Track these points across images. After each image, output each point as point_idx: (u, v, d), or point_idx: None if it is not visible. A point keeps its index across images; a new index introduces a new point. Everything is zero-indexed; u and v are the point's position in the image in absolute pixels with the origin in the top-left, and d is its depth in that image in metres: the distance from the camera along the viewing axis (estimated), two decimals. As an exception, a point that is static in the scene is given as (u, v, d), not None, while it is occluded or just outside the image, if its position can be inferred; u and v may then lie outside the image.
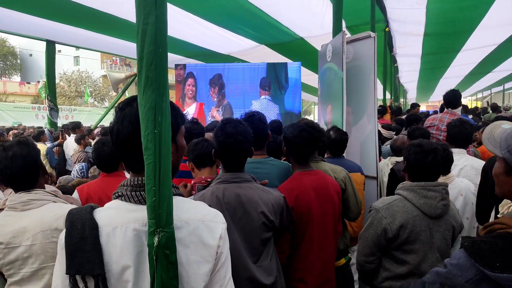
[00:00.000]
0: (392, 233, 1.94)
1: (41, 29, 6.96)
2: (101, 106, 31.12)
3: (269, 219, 1.82)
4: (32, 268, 1.66)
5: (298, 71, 8.91)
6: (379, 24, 7.08)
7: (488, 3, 6.18)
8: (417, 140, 2.09)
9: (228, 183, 1.84)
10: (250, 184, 1.87)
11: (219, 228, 1.20)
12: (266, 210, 1.82)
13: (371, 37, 3.57)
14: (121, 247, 1.08)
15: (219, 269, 1.19)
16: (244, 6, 5.99)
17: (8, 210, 1.73)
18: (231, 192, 1.81)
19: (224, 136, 1.85)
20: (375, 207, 2.04)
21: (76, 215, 1.12)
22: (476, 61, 11.64)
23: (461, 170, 3.02)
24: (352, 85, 3.69)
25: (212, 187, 1.85)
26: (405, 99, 20.63)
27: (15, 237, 1.65)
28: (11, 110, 18.23)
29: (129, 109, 1.13)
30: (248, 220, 1.80)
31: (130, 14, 6.24)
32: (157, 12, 1.02)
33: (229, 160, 1.89)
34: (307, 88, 13.78)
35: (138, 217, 1.10)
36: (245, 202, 1.80)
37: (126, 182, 1.17)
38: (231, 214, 1.78)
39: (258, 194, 1.84)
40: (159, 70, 1.03)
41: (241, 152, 1.87)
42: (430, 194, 1.95)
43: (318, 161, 2.55)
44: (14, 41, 35.03)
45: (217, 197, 1.79)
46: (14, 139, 1.87)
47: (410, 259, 1.96)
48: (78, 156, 6.37)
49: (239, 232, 1.79)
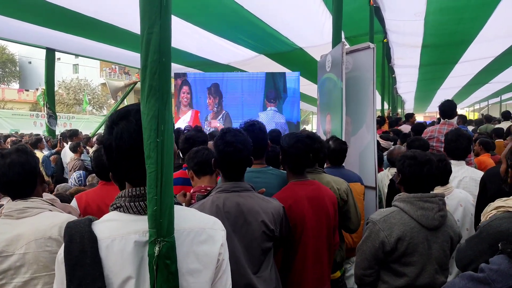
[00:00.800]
0: (390, 246, 1.93)
1: (41, 37, 6.99)
2: (99, 114, 31.12)
3: (269, 228, 1.81)
4: (24, 277, 1.63)
5: (297, 80, 8.96)
6: (377, 35, 7.14)
7: (486, 16, 6.25)
8: (410, 152, 2.08)
9: (228, 193, 1.83)
10: (250, 193, 1.87)
11: (219, 235, 1.20)
12: (266, 219, 1.81)
13: (370, 48, 3.60)
14: (121, 259, 1.07)
15: (220, 277, 1.19)
16: (244, 16, 6.04)
17: (4, 218, 1.70)
18: (232, 202, 1.80)
19: (223, 144, 1.85)
20: (372, 219, 2.02)
21: (74, 228, 1.11)
22: (473, 72, 11.73)
23: (460, 182, 3.03)
24: (351, 95, 3.71)
25: (212, 196, 1.84)
26: (402, 109, 20.73)
27: (9, 245, 1.63)
28: (9, 117, 18.17)
29: (125, 123, 1.11)
30: (249, 229, 1.79)
31: (131, 25, 6.30)
32: (161, 21, 1.02)
33: (228, 169, 1.89)
34: (305, 98, 13.85)
35: (138, 228, 1.09)
36: (246, 211, 1.79)
37: (123, 194, 1.15)
38: (232, 224, 1.77)
39: (258, 203, 1.83)
40: (163, 79, 1.03)
41: (241, 161, 1.87)
42: (427, 205, 1.94)
43: (320, 173, 2.54)
44: (13, 48, 35.12)
45: (217, 206, 1.78)
46: (12, 146, 1.86)
47: (409, 272, 1.94)
48: (74, 164, 6.34)
49: (239, 241, 1.78)
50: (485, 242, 1.59)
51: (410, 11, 5.98)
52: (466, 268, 1.64)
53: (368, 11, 6.07)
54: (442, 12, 6.07)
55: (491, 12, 6.06)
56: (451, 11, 6.05)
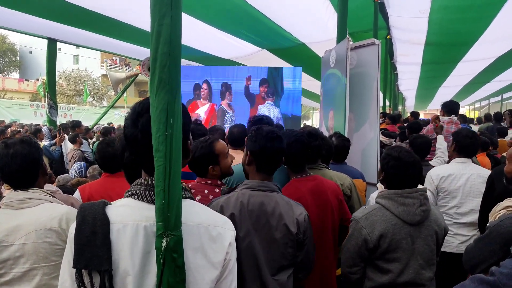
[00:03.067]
0: (373, 243, 1.93)
1: (43, 27, 6.95)
2: (99, 106, 31.04)
3: (291, 232, 1.79)
4: (23, 268, 1.63)
5: (299, 76, 8.92)
6: (380, 32, 7.10)
7: (491, 17, 6.21)
8: (395, 151, 2.05)
9: (254, 190, 1.82)
10: (276, 194, 1.85)
11: (229, 235, 1.19)
12: (288, 222, 1.79)
13: (375, 44, 3.58)
14: (130, 245, 1.08)
15: (226, 277, 1.18)
16: (247, 11, 5.99)
17: (5, 208, 1.71)
18: (256, 200, 1.79)
19: (266, 139, 1.84)
20: (355, 217, 2.02)
21: (88, 209, 1.12)
22: (475, 72, 11.70)
23: (468, 179, 3.06)
24: (355, 91, 3.70)
25: (238, 192, 1.84)
26: (403, 106, 20.71)
27: (9, 235, 1.63)
28: (9, 107, 18.13)
29: (150, 115, 1.11)
30: (270, 230, 1.78)
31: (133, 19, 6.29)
32: (172, 13, 1.01)
33: (265, 162, 1.87)
34: (306, 93, 13.81)
35: (150, 216, 1.09)
36: (269, 212, 1.78)
37: (140, 182, 1.16)
38: (254, 222, 1.77)
39: (283, 206, 1.81)
40: (173, 72, 1.02)
41: (279, 157, 1.88)
42: (407, 201, 1.94)
43: (323, 169, 2.54)
44: (14, 38, 34.94)
45: (242, 202, 1.78)
46: (15, 138, 1.85)
47: (393, 268, 1.94)
48: (73, 154, 6.34)
49: (260, 241, 1.77)
50: (495, 242, 1.58)
51: (414, 8, 5.94)
52: (474, 269, 1.63)
53: (372, 7, 6.03)
54: (447, 10, 6.03)
55: (496, 13, 6.03)
56: (455, 10, 6.01)
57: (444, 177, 3.11)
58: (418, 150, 3.57)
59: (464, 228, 3.11)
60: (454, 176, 3.09)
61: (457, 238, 3.11)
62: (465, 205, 3.09)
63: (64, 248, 1.64)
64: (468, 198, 3.08)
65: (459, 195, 3.09)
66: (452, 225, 3.13)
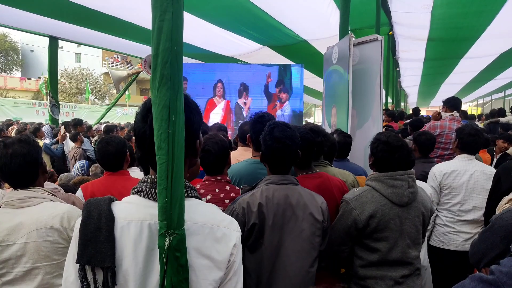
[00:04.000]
0: (362, 223, 1.99)
1: (44, 25, 6.95)
2: (101, 104, 31.08)
3: (317, 220, 1.84)
4: (25, 267, 1.63)
5: (301, 73, 8.91)
6: (383, 28, 7.07)
7: (494, 12, 6.17)
8: (384, 136, 2.14)
9: (277, 185, 1.86)
10: (297, 186, 1.89)
11: (234, 236, 1.17)
12: (314, 211, 1.84)
13: (378, 40, 3.55)
14: (134, 243, 1.07)
15: (230, 278, 1.16)
16: (248, 8, 5.97)
17: (5, 207, 1.70)
18: (280, 194, 1.83)
19: (272, 140, 1.87)
20: (345, 199, 2.09)
21: (94, 205, 1.12)
22: (478, 70, 11.65)
23: (471, 176, 3.05)
24: (357, 88, 3.67)
25: (261, 188, 1.86)
26: (405, 103, 20.65)
27: (10, 234, 1.63)
28: (11, 105, 18.17)
29: None
30: (298, 222, 1.82)
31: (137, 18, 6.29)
32: (173, 8, 0.99)
33: (276, 164, 1.91)
34: (308, 91, 13.79)
35: (154, 214, 1.08)
36: (294, 203, 1.82)
37: (146, 179, 1.16)
38: (281, 215, 1.81)
39: (306, 196, 1.87)
40: (175, 68, 1.00)
41: (289, 156, 1.89)
42: (397, 183, 2.00)
43: (326, 166, 2.53)
44: (15, 36, 34.97)
45: (267, 197, 1.81)
46: (15, 136, 1.84)
47: (381, 247, 2.01)
48: (74, 152, 6.35)
49: (288, 234, 1.81)
50: (496, 235, 1.59)
51: (417, 3, 5.90)
52: (479, 263, 1.64)
53: (375, 3, 6.00)
54: (449, 5, 5.99)
55: (499, 8, 5.98)
56: (458, 4, 5.97)
57: (447, 173, 3.10)
58: (423, 147, 3.55)
59: (468, 225, 3.09)
60: (457, 172, 3.08)
61: (461, 236, 3.10)
62: (468, 202, 3.08)
63: (66, 247, 1.64)
64: (472, 195, 3.06)
65: (462, 192, 3.07)
66: (455, 223, 3.11)
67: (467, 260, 1.85)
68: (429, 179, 3.20)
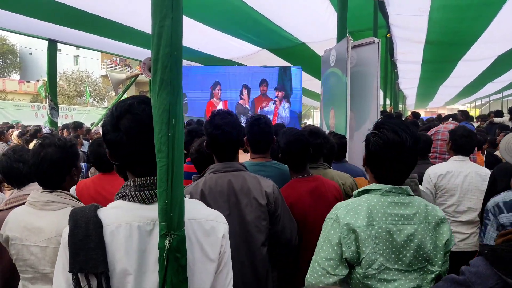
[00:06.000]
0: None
1: (43, 28, 6.96)
2: (100, 106, 31.06)
3: (261, 204, 1.86)
4: (44, 270, 1.66)
5: (299, 75, 8.98)
6: (380, 30, 7.09)
7: (490, 17, 6.20)
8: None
9: (221, 173, 1.90)
10: (242, 172, 1.92)
11: (222, 227, 1.22)
12: (257, 195, 1.87)
13: (375, 43, 3.59)
14: (125, 246, 1.08)
15: (221, 269, 1.20)
16: (246, 11, 6.00)
17: (28, 206, 1.73)
18: (223, 181, 1.87)
19: (212, 127, 1.91)
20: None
21: (80, 213, 1.12)
22: (475, 74, 11.69)
23: (466, 177, 3.07)
24: (355, 90, 3.70)
25: (205, 177, 1.90)
26: (404, 105, 20.68)
27: (30, 235, 1.66)
28: (10, 108, 18.16)
29: (130, 117, 1.11)
30: (241, 207, 1.85)
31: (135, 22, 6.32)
32: (173, 14, 1.02)
33: (219, 151, 1.95)
34: (306, 93, 13.82)
35: (143, 215, 1.10)
36: (238, 189, 1.86)
37: (128, 183, 1.16)
38: (225, 201, 1.84)
39: (250, 181, 1.89)
40: (174, 72, 1.03)
41: (230, 143, 1.92)
42: None
43: (325, 168, 2.54)
44: (14, 39, 34.98)
45: (210, 186, 1.85)
46: (52, 139, 1.81)
47: None
48: (74, 155, 6.34)
49: (234, 219, 1.84)
50: None
51: (414, 6, 5.94)
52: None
53: (372, 6, 6.03)
54: (446, 9, 6.03)
55: (495, 13, 6.02)
56: (455, 9, 6.01)
57: (442, 175, 3.12)
58: (419, 148, 3.57)
59: (463, 226, 3.11)
60: (452, 174, 3.10)
61: (456, 236, 3.12)
62: (463, 203, 3.10)
63: None
64: (466, 196, 3.08)
65: (457, 193, 3.09)
66: (450, 224, 3.14)
67: (463, 260, 1.86)
68: (424, 181, 3.22)
